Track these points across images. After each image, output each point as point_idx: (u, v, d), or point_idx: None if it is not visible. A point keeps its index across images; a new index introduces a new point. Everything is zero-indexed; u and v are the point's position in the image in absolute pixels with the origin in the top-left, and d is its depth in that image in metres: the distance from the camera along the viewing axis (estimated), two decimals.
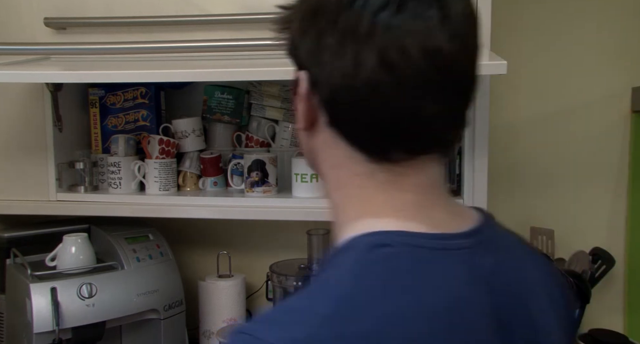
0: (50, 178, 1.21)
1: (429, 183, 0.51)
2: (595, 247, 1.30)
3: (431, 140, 0.49)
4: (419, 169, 0.50)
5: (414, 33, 0.45)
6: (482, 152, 1.07)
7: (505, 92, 1.34)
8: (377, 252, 0.46)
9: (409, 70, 0.46)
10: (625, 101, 1.30)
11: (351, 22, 0.46)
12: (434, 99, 0.47)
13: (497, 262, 0.51)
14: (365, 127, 0.49)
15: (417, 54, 0.45)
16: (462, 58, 0.48)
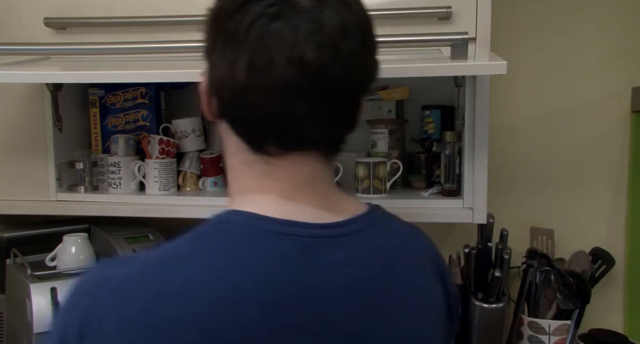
0: (50, 178, 1.21)
1: (304, 177, 0.56)
2: (595, 248, 1.30)
3: (303, 139, 0.54)
4: (294, 163, 0.56)
5: (281, 42, 0.50)
6: (482, 152, 1.07)
7: (505, 92, 1.34)
8: (217, 226, 0.54)
9: (275, 77, 0.51)
10: (625, 101, 1.30)
11: (232, 29, 0.52)
12: (301, 103, 0.52)
13: (350, 256, 0.55)
14: (242, 122, 0.56)
15: (281, 62, 0.50)
16: (332, 67, 0.51)
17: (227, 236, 0.53)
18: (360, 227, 0.57)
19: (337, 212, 0.57)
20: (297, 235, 0.53)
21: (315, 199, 0.57)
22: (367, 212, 0.60)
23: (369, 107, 1.30)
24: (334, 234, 0.55)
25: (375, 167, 1.15)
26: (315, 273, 0.52)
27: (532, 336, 1.18)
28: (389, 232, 0.61)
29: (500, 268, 1.16)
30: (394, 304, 0.56)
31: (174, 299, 0.48)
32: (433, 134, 1.28)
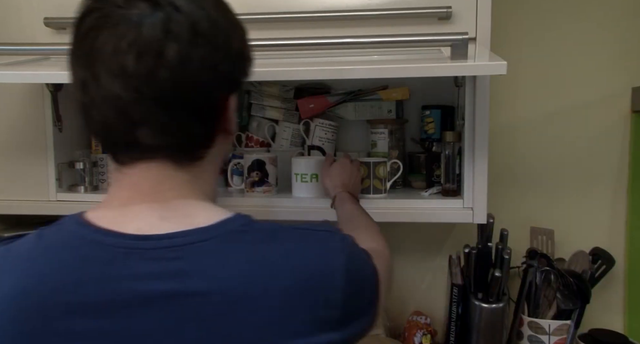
0: (50, 178, 1.21)
1: (148, 185, 0.57)
2: (595, 248, 1.30)
3: (142, 147, 0.56)
4: (139, 171, 0.57)
5: (104, 55, 0.52)
6: (482, 152, 1.07)
7: (505, 92, 1.34)
8: (52, 227, 0.57)
9: (102, 90, 0.53)
10: (625, 101, 1.30)
11: (71, 46, 0.55)
12: (134, 112, 0.53)
13: (158, 271, 0.52)
14: (94, 134, 0.59)
15: (106, 75, 0.52)
16: (156, 73, 0.52)
17: (44, 238, 0.56)
18: (186, 242, 0.53)
19: (174, 222, 0.55)
20: (105, 244, 0.53)
21: (151, 209, 0.56)
22: (213, 226, 0.55)
23: (369, 107, 1.30)
24: (146, 246, 0.53)
25: (375, 167, 1.15)
26: (105, 282, 0.52)
27: (532, 336, 1.18)
28: (229, 251, 0.54)
29: (500, 268, 1.16)
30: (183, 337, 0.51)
31: None
32: (433, 134, 1.28)
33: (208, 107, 0.57)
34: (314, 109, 1.29)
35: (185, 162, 0.59)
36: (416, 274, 1.43)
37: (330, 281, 0.56)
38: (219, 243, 0.54)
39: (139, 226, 0.54)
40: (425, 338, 1.26)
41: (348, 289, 0.56)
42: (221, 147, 0.63)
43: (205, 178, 0.62)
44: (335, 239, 0.60)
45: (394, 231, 1.43)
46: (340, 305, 0.55)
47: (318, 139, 1.29)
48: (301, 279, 0.54)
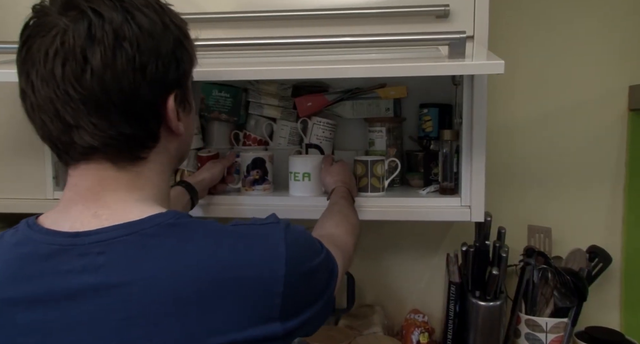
0: (48, 177, 1.21)
1: (87, 185, 0.60)
2: (592, 245, 1.31)
3: (78, 150, 0.59)
4: (81, 172, 0.61)
5: (35, 63, 0.57)
6: (479, 150, 1.07)
7: (503, 90, 1.34)
8: (6, 232, 0.62)
9: (37, 96, 0.57)
10: (622, 99, 1.31)
11: (17, 57, 0.60)
12: (67, 115, 0.57)
13: (87, 264, 0.55)
14: (41, 138, 0.61)
15: (38, 82, 0.57)
16: (82, 78, 0.56)
17: (2, 239, 0.61)
18: (113, 236, 0.56)
19: (105, 219, 0.58)
20: (43, 242, 0.58)
21: (87, 208, 0.59)
22: (141, 220, 0.58)
23: (366, 105, 1.30)
24: (77, 242, 0.57)
25: (373, 165, 1.15)
26: (41, 277, 0.56)
27: (530, 333, 1.19)
28: (153, 244, 0.56)
29: (497, 266, 1.16)
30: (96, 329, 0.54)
31: None
32: (431, 132, 1.28)
33: (139, 108, 0.59)
34: (312, 108, 1.29)
35: (125, 163, 0.61)
36: (414, 273, 1.43)
37: (268, 273, 0.57)
38: (143, 237, 0.56)
39: (73, 224, 0.59)
40: (423, 336, 1.26)
41: (290, 280, 0.58)
42: (168, 147, 0.65)
43: (149, 177, 0.63)
44: (277, 229, 0.62)
45: (392, 230, 1.43)
46: (281, 297, 0.57)
47: (316, 138, 1.29)
48: (232, 273, 0.55)
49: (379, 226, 1.43)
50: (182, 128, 0.65)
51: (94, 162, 0.60)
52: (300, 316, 0.60)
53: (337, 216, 0.92)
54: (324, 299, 0.65)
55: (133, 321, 0.53)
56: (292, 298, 0.58)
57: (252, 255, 0.58)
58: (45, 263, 0.57)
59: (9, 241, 0.61)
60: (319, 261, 0.64)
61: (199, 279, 0.54)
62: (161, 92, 0.61)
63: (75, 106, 0.57)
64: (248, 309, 0.55)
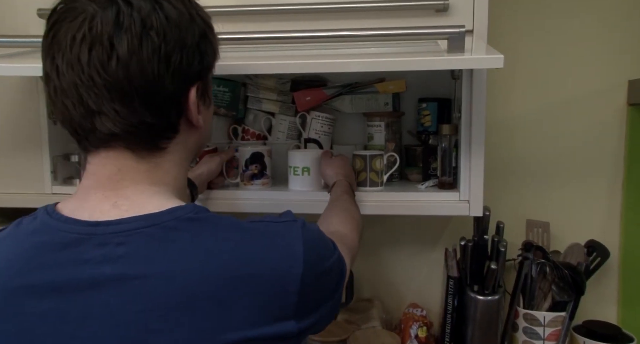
0: (46, 171, 1.20)
1: (106, 175, 0.61)
2: (590, 240, 1.31)
3: (99, 136, 0.59)
4: (100, 160, 0.61)
5: (62, 48, 0.57)
6: (478, 145, 1.07)
7: (502, 85, 1.34)
8: (24, 219, 0.62)
9: (62, 80, 0.58)
10: (621, 94, 1.31)
11: (42, 38, 0.61)
12: (85, 102, 0.57)
13: (107, 254, 0.55)
14: (59, 122, 0.61)
15: (64, 66, 0.57)
16: (107, 64, 0.56)
17: (20, 226, 0.61)
18: (132, 228, 0.56)
19: (125, 210, 0.58)
20: (62, 230, 0.58)
21: (106, 198, 0.59)
22: (161, 213, 0.57)
23: (365, 100, 1.30)
24: (96, 232, 0.56)
25: (372, 160, 1.15)
26: (58, 266, 0.56)
27: (527, 327, 1.19)
28: (173, 238, 0.56)
29: (496, 260, 1.16)
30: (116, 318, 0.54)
31: None
32: (430, 126, 1.27)
33: (162, 98, 0.60)
34: (311, 102, 1.29)
35: (144, 153, 0.61)
36: (413, 267, 1.44)
37: (286, 272, 0.57)
38: (162, 229, 0.56)
39: (92, 213, 0.58)
40: (422, 330, 1.27)
41: (307, 280, 0.58)
42: (187, 140, 0.65)
43: (167, 169, 0.63)
44: (295, 228, 0.61)
45: (391, 224, 1.43)
46: (297, 296, 0.57)
47: (314, 132, 1.29)
48: (249, 270, 0.55)
49: (378, 221, 1.43)
50: (202, 121, 0.66)
51: (113, 150, 0.60)
52: (313, 315, 0.60)
53: (343, 213, 0.91)
54: (334, 299, 0.65)
55: (149, 314, 0.53)
56: (307, 297, 0.58)
57: (269, 253, 0.57)
58: (64, 252, 0.56)
59: (26, 228, 0.61)
60: (332, 261, 0.64)
61: (214, 275, 0.54)
62: (184, 83, 0.61)
63: (99, 92, 0.57)
64: (264, 307, 0.55)
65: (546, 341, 1.18)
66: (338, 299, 0.66)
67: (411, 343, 1.26)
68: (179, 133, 0.63)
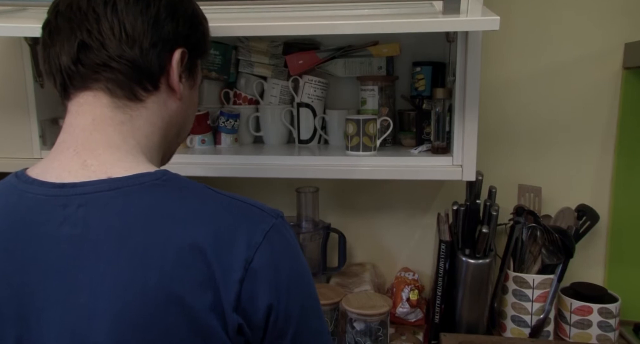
0: (34, 135, 1.19)
1: (82, 125, 0.61)
2: (581, 204, 1.32)
3: (82, 72, 0.60)
4: (78, 109, 0.62)
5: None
6: (472, 109, 1.06)
7: (497, 48, 1.32)
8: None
9: (57, 19, 0.61)
10: (617, 57, 1.29)
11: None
12: (77, 35, 0.60)
13: (68, 217, 0.55)
14: (48, 70, 0.63)
15: (62, 7, 0.61)
16: (74, 5, 0.60)
17: None
18: (95, 190, 0.56)
19: (92, 171, 0.58)
20: (28, 192, 0.59)
21: (77, 155, 0.59)
22: (127, 177, 0.57)
23: (359, 63, 1.28)
24: (60, 193, 0.57)
25: (365, 124, 1.14)
26: (24, 227, 0.57)
27: (517, 290, 1.21)
28: (133, 203, 0.56)
29: (487, 225, 1.17)
30: (80, 281, 0.54)
31: None
32: (423, 91, 1.26)
33: (147, 43, 0.61)
34: (303, 65, 1.27)
35: (122, 100, 0.61)
36: (405, 232, 1.45)
37: (238, 253, 0.54)
38: (124, 194, 0.56)
39: (60, 174, 0.59)
40: (413, 293, 1.29)
41: (252, 274, 0.55)
42: (166, 103, 0.65)
43: (140, 126, 0.63)
44: (266, 219, 0.58)
45: (384, 189, 1.43)
46: (237, 286, 0.54)
47: (307, 96, 1.27)
48: (204, 243, 0.54)
49: (371, 185, 1.43)
50: (182, 91, 0.66)
51: (92, 93, 0.61)
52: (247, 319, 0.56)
53: None
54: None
55: (103, 278, 0.53)
56: (245, 292, 0.55)
57: (231, 234, 0.55)
58: (30, 213, 0.57)
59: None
60: (296, 270, 0.60)
61: (172, 242, 0.54)
62: (169, 40, 0.63)
63: (90, 27, 0.60)
64: (205, 285, 0.53)
65: (534, 302, 1.20)
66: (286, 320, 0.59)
67: (403, 306, 1.29)
68: (158, 91, 0.64)
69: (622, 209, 1.33)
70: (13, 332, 0.55)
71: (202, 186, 0.60)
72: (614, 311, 1.18)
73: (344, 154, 1.16)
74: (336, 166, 1.12)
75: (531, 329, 1.21)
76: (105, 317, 0.52)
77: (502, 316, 1.25)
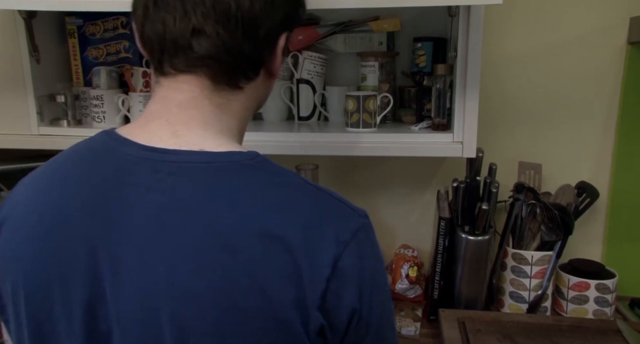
0: (31, 111, 1.18)
1: (178, 100, 0.58)
2: (581, 181, 1.32)
3: (189, 57, 0.57)
4: (177, 86, 0.59)
5: None
6: (473, 85, 1.05)
7: (499, 24, 1.30)
8: (82, 142, 0.62)
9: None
10: (622, 32, 1.27)
11: None
12: (189, 18, 0.56)
13: (161, 181, 0.53)
14: (145, 39, 0.59)
15: None
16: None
17: (78, 145, 0.62)
18: (187, 160, 0.54)
19: (184, 141, 0.56)
20: (119, 151, 0.57)
21: (169, 123, 0.58)
22: (220, 153, 0.56)
23: (359, 39, 1.26)
24: (151, 157, 0.55)
25: (365, 100, 1.13)
26: (114, 189, 0.55)
27: (515, 266, 1.22)
28: (226, 181, 0.54)
29: (487, 202, 1.17)
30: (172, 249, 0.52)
31: None
32: (424, 67, 1.25)
33: (262, 32, 0.59)
34: (303, 41, 1.25)
35: (223, 86, 0.59)
36: (405, 209, 1.45)
37: (326, 250, 0.52)
38: (217, 170, 0.54)
39: (151, 139, 0.56)
40: (412, 269, 1.29)
41: (340, 273, 0.53)
42: (261, 88, 0.64)
43: (236, 110, 0.61)
44: (355, 217, 0.56)
45: (384, 166, 1.43)
46: (324, 284, 0.52)
47: (307, 73, 1.26)
48: (292, 237, 0.52)
49: (371, 162, 1.43)
50: (277, 72, 0.64)
51: (195, 76, 0.58)
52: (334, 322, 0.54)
53: None
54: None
55: (184, 251, 0.51)
56: (330, 298, 0.53)
57: (315, 228, 0.53)
58: (118, 172, 0.55)
59: (83, 146, 0.61)
60: (378, 273, 0.58)
61: (256, 231, 0.51)
62: (281, 25, 0.61)
63: (206, 11, 0.55)
64: (291, 283, 0.51)
65: (533, 279, 1.21)
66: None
67: (402, 282, 1.30)
68: (258, 76, 0.62)
69: (622, 186, 1.33)
70: (84, 290, 0.54)
71: (293, 174, 0.57)
72: (611, 286, 1.19)
73: (343, 130, 1.15)
74: (336, 143, 1.12)
75: (529, 305, 1.22)
76: (179, 293, 0.51)
77: (500, 292, 1.26)
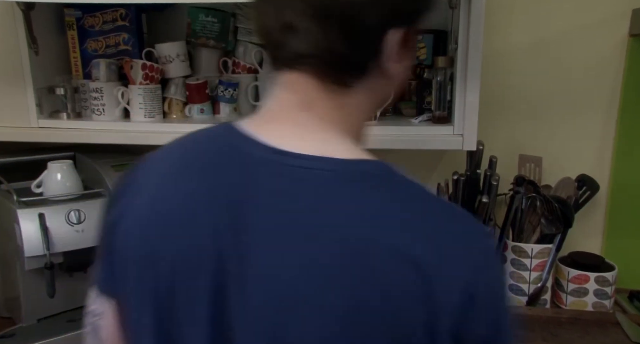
0: (30, 104, 1.17)
1: (295, 101, 0.56)
2: (581, 174, 1.32)
3: (287, 53, 0.55)
4: (289, 87, 0.56)
5: None
6: (474, 78, 1.05)
7: (500, 15, 1.29)
8: (198, 133, 0.60)
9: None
10: (624, 24, 1.27)
11: None
12: (282, 13, 0.53)
13: (288, 186, 0.51)
14: (256, 30, 0.58)
15: None
16: None
17: (197, 134, 0.60)
18: (313, 166, 0.51)
19: (309, 145, 0.53)
20: (243, 150, 0.54)
21: (295, 124, 0.55)
22: (349, 161, 0.53)
23: None
24: (280, 160, 0.52)
25: None
26: (234, 187, 0.52)
27: (515, 259, 1.22)
28: (358, 192, 0.51)
29: (487, 195, 1.17)
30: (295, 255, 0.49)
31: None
32: (425, 60, 1.24)
33: (360, 30, 0.54)
34: None
35: (330, 86, 0.56)
36: None
37: (459, 273, 0.49)
38: (345, 180, 0.51)
39: (271, 138, 0.54)
40: None
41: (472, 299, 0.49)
42: (375, 86, 0.58)
43: (351, 112, 0.57)
44: (483, 238, 0.54)
45: (383, 158, 1.42)
46: (457, 309, 0.48)
47: None
48: (424, 256, 0.48)
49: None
50: (396, 72, 0.58)
51: (299, 74, 0.55)
52: None
53: None
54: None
55: (311, 263, 0.48)
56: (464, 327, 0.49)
57: (447, 249, 0.49)
58: (243, 173, 0.52)
59: (204, 137, 0.59)
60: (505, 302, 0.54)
61: (397, 252, 0.48)
62: (388, 22, 0.55)
63: (300, 7, 0.53)
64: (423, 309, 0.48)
65: (532, 271, 1.21)
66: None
67: None
68: (366, 76, 0.57)
69: (623, 179, 1.33)
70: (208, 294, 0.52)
71: (422, 188, 0.54)
72: (611, 279, 1.19)
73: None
74: None
75: (528, 298, 1.22)
76: (308, 310, 0.48)
77: None
